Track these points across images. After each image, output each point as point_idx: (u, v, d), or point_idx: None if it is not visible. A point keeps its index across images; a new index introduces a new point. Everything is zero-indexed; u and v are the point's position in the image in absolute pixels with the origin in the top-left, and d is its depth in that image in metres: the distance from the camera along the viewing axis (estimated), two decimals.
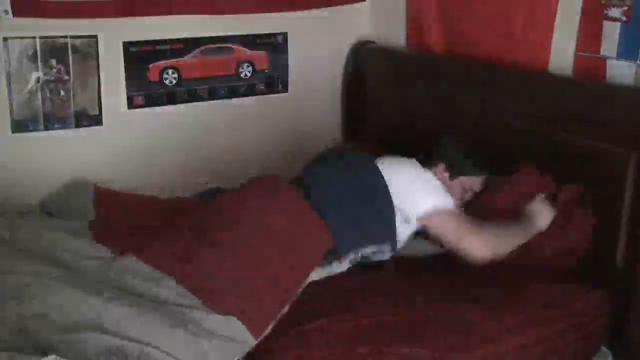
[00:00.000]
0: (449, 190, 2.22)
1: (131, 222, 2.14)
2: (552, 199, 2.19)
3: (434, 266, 2.22)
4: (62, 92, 2.48)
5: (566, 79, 2.31)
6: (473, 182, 2.30)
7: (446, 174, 2.28)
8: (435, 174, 2.26)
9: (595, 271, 2.14)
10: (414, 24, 2.89)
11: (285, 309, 1.87)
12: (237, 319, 1.73)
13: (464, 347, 1.87)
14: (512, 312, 2.00)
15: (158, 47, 2.66)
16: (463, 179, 2.28)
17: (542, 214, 2.16)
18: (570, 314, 2.06)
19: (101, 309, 1.65)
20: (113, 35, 2.54)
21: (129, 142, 2.66)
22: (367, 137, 3.05)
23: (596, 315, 2.09)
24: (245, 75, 2.88)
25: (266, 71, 2.92)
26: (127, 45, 2.58)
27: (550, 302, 2.07)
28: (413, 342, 1.85)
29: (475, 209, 2.24)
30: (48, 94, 2.46)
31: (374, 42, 3.08)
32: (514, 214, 2.18)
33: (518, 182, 2.27)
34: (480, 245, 2.03)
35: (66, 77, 2.48)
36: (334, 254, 2.06)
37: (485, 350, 1.88)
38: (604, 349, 2.11)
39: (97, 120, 2.57)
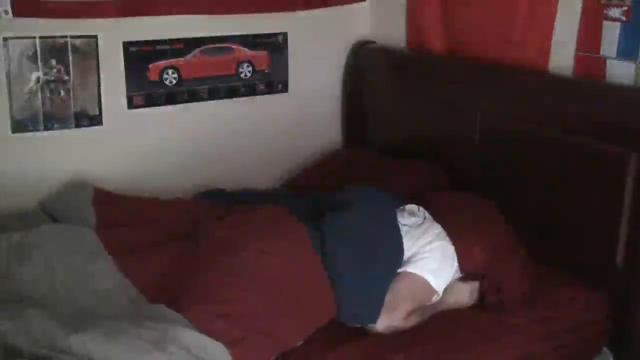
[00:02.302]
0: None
1: (144, 237, 2.10)
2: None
3: None
4: (62, 92, 2.48)
5: (566, 79, 2.31)
6: None
7: None
8: None
9: (595, 271, 2.14)
10: (414, 24, 2.89)
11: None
12: (225, 347, 1.69)
13: (464, 347, 1.87)
14: (513, 312, 2.00)
15: (158, 47, 2.65)
16: None
17: (459, 299, 2.06)
18: (571, 314, 2.06)
19: (69, 338, 1.59)
20: (113, 35, 2.54)
21: (129, 142, 2.66)
22: (366, 138, 3.05)
23: (596, 316, 2.09)
24: (245, 75, 2.87)
25: (266, 71, 2.92)
26: (127, 45, 2.58)
27: (551, 303, 2.07)
28: (412, 343, 1.86)
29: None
30: (48, 94, 2.46)
31: (374, 42, 3.08)
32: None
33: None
34: (392, 329, 1.92)
35: (66, 77, 2.48)
36: None
37: (485, 351, 1.89)
38: (604, 349, 2.11)
39: (97, 120, 2.56)
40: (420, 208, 2.20)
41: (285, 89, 2.98)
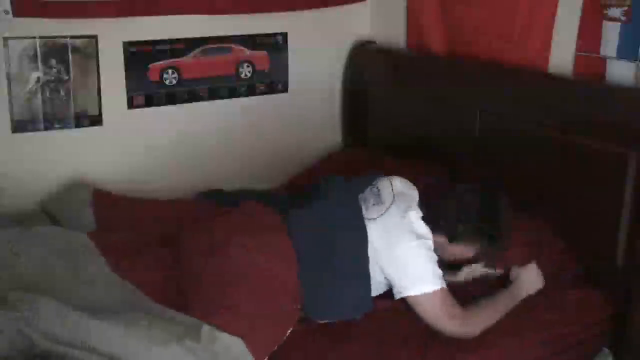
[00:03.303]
0: (442, 254, 2.04)
1: (135, 240, 2.11)
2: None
3: None
4: (62, 92, 2.48)
5: (566, 79, 2.31)
6: (468, 251, 2.10)
7: (444, 239, 2.06)
8: (433, 236, 2.03)
9: (596, 271, 2.14)
10: (414, 24, 2.89)
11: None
12: (243, 341, 1.71)
13: (465, 348, 1.87)
14: (513, 314, 2.00)
15: (158, 47, 2.65)
16: (460, 246, 2.08)
17: (532, 284, 2.08)
18: (571, 315, 2.06)
19: (86, 325, 1.62)
20: (113, 35, 2.54)
21: (129, 142, 2.66)
22: (366, 138, 3.05)
23: (596, 316, 2.09)
24: (245, 75, 2.88)
25: (266, 71, 2.92)
26: (127, 45, 2.58)
27: (551, 303, 2.07)
28: (414, 341, 1.86)
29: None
30: (48, 94, 2.46)
31: (374, 42, 3.08)
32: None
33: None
34: (461, 332, 1.91)
35: (66, 77, 2.48)
36: None
37: (486, 352, 1.89)
38: (604, 349, 2.11)
39: (97, 120, 2.57)
40: (388, 188, 2.15)
41: (285, 89, 2.99)
